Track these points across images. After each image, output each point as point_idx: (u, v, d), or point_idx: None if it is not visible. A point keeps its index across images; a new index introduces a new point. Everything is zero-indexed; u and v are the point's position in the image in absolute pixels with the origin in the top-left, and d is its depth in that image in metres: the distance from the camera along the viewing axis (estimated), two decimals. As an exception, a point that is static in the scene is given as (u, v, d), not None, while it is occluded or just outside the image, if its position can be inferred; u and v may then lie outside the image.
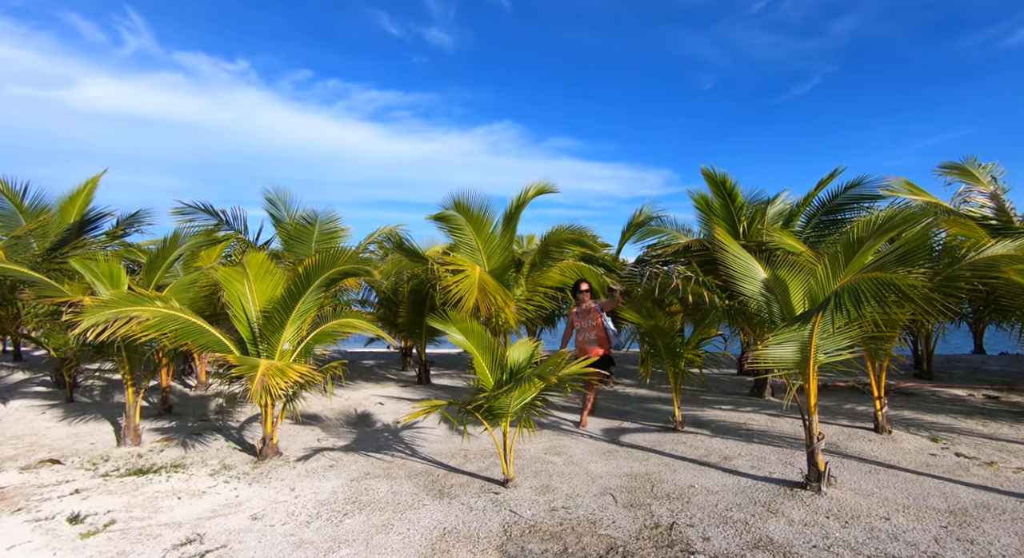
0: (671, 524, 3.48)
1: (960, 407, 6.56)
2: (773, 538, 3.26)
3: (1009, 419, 5.91)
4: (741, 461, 4.73)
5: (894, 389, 7.43)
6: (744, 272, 4.52)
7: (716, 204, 7.39)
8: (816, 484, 3.95)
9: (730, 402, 7.15)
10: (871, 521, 3.47)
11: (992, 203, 6.19)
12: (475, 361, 4.26)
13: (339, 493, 4.12)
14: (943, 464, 4.53)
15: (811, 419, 4.02)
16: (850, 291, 3.50)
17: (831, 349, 4.00)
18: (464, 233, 7.90)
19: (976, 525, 3.38)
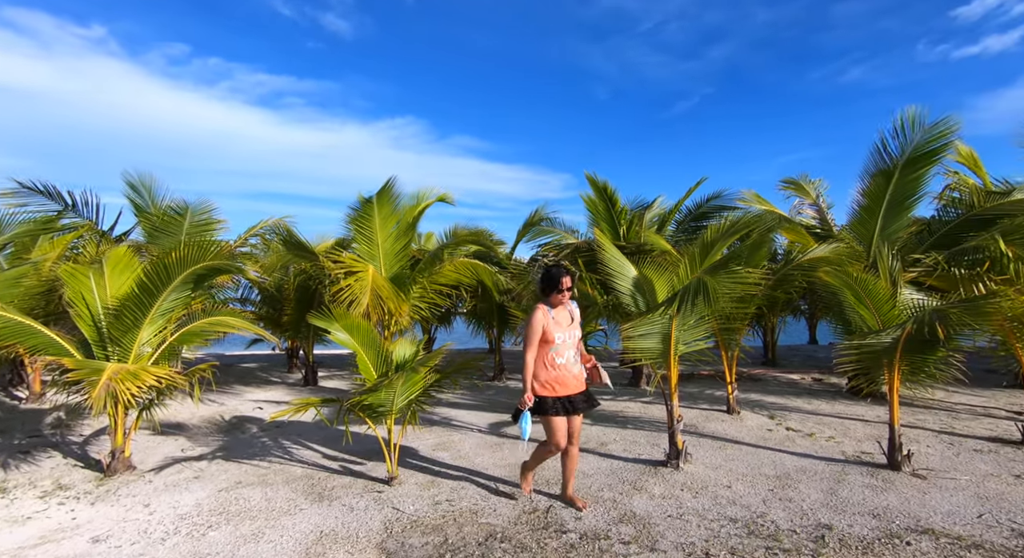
0: (548, 507, 3.70)
1: (794, 389, 7.69)
2: (636, 512, 3.59)
3: (827, 397, 7.04)
4: (615, 445, 5.13)
5: (745, 376, 8.50)
6: (619, 270, 4.91)
7: (600, 208, 7.91)
8: (675, 461, 4.42)
9: (610, 392, 7.70)
10: (716, 490, 3.96)
11: (819, 214, 7.36)
12: (358, 358, 4.17)
13: (204, 505, 3.80)
14: (776, 437, 5.29)
15: (672, 403, 4.48)
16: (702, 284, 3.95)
17: (690, 340, 4.48)
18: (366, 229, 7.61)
19: (794, 486, 4.01)
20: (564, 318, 3.50)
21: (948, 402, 6.51)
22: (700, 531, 3.31)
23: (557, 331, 3.40)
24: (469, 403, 7.31)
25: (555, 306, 3.50)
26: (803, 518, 3.48)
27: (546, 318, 3.40)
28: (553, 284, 3.43)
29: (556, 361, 3.41)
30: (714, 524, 3.40)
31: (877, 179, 6.31)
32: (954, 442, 5.02)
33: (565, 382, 3.43)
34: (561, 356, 3.42)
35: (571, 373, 3.46)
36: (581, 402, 3.50)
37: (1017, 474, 4.18)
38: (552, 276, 3.44)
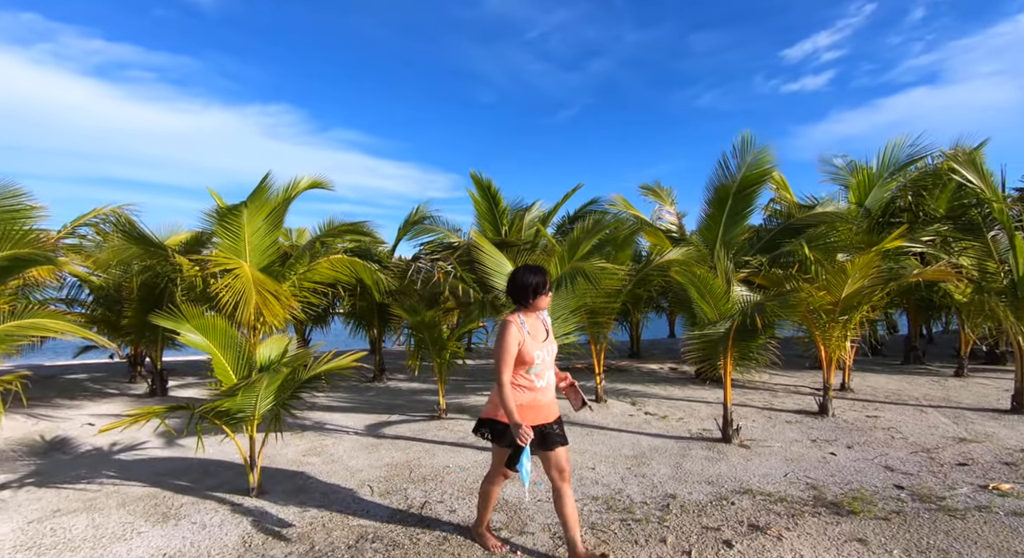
0: (423, 503, 3.70)
1: (653, 377, 8.54)
2: (508, 500, 3.74)
3: (680, 384, 7.94)
4: (493, 438, 5.28)
5: (613, 367, 9.25)
6: (496, 268, 5.06)
7: (483, 207, 8.07)
8: (546, 449, 4.68)
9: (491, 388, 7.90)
10: (582, 472, 4.28)
11: (676, 220, 8.29)
12: (215, 361, 3.80)
13: (6, 542, 3.20)
14: (636, 421, 5.84)
15: (544, 394, 4.73)
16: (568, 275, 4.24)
17: (561, 333, 4.78)
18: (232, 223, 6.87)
19: (648, 463, 4.48)
20: (539, 331, 2.79)
21: (769, 383, 7.71)
22: (565, 511, 3.55)
23: (535, 348, 2.68)
24: (346, 406, 7.01)
25: (529, 315, 2.78)
26: (653, 491, 3.90)
27: (521, 333, 2.64)
28: (529, 289, 2.69)
29: (536, 384, 2.72)
30: (578, 503, 3.67)
31: (720, 191, 7.25)
32: (772, 416, 5.96)
33: (540, 409, 2.74)
34: (541, 378, 2.75)
35: (548, 398, 2.79)
36: (556, 433, 2.77)
37: (814, 439, 5.09)
38: (527, 278, 2.71)
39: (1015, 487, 3.83)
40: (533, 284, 2.72)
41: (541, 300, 2.76)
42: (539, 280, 2.73)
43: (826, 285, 5.68)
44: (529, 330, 2.71)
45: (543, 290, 2.75)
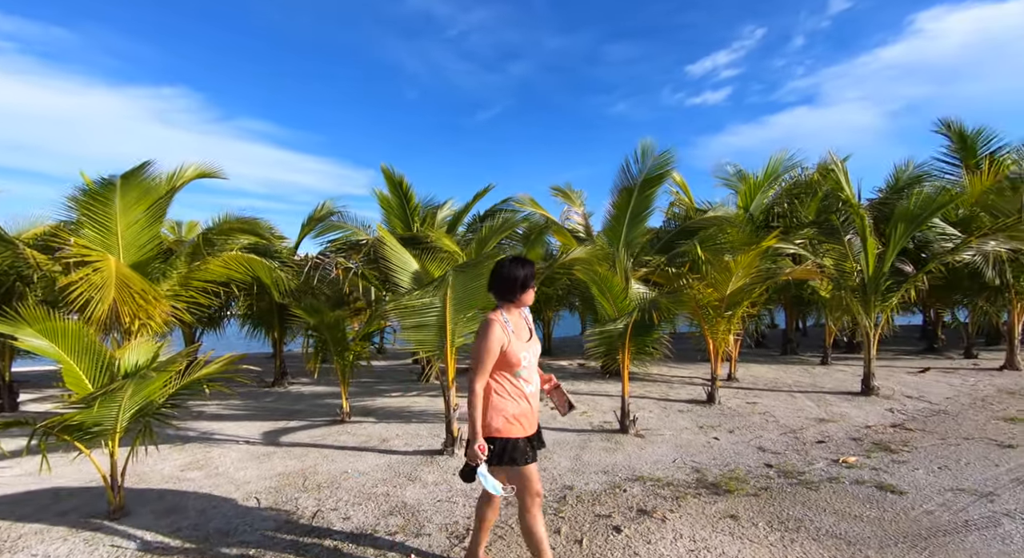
0: (315, 513, 3.51)
1: (563, 374, 8.80)
2: (407, 502, 3.66)
3: (586, 379, 8.25)
4: (398, 441, 5.15)
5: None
6: (401, 265, 4.94)
7: (394, 203, 7.85)
8: (451, 448, 4.64)
9: (401, 389, 7.71)
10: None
11: (583, 221, 8.61)
12: (65, 369, 3.34)
13: None
14: (542, 417, 5.93)
15: (449, 394, 4.69)
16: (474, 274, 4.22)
17: (467, 332, 4.75)
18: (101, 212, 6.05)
19: (551, 457, 4.58)
20: (523, 330, 2.50)
21: (667, 375, 8.24)
22: (466, 510, 3.53)
23: (521, 349, 2.38)
24: (240, 413, 6.51)
25: (512, 313, 2.47)
26: (553, 483, 3.99)
27: (506, 333, 2.34)
28: (517, 282, 2.39)
29: (526, 389, 2.42)
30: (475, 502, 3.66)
31: (623, 194, 7.61)
32: (667, 406, 6.36)
33: (532, 417, 2.47)
34: (530, 382, 2.46)
35: (536, 404, 2.52)
36: (537, 445, 2.51)
37: (701, 426, 5.50)
38: (515, 270, 2.40)
39: (859, 459, 4.37)
40: (522, 277, 2.39)
41: (528, 295, 2.45)
42: (527, 272, 2.40)
43: (714, 283, 6.15)
44: (513, 329, 2.40)
45: (532, 283, 2.44)
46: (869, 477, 3.97)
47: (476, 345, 2.33)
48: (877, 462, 4.30)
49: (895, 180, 9.80)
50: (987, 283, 8.00)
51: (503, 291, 2.42)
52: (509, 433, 2.33)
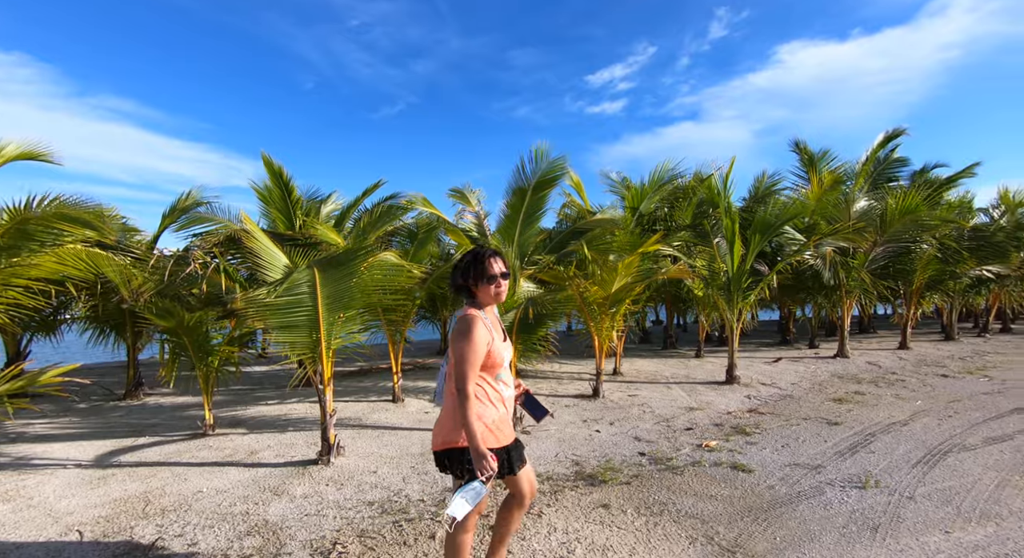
0: (153, 542, 3.07)
1: (458, 373, 8.70)
2: (269, 520, 3.33)
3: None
4: (268, 453, 4.72)
5: (419, 365, 9.18)
6: (271, 262, 4.53)
7: (275, 195, 7.24)
8: (327, 457, 4.34)
9: (278, 395, 7.13)
10: (363, 477, 4.06)
11: (477, 220, 8.60)
12: None
13: None
14: (430, 418, 5.83)
15: (325, 399, 4.38)
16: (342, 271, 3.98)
17: (344, 332, 4.47)
18: None
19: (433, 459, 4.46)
20: (498, 329, 2.28)
21: (558, 372, 8.49)
22: (335, 522, 3.30)
23: (502, 348, 2.19)
24: (74, 432, 5.59)
25: (485, 307, 2.24)
26: (434, 486, 3.87)
27: (488, 330, 2.14)
28: (497, 276, 2.17)
29: (505, 394, 2.23)
30: (351, 512, 3.44)
31: (517, 195, 7.68)
32: (555, 401, 6.53)
33: (510, 423, 2.26)
34: (509, 386, 2.27)
35: (511, 409, 2.30)
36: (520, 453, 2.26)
37: (584, 419, 5.70)
38: (492, 264, 2.19)
39: (719, 443, 4.78)
40: (500, 271, 2.17)
41: (484, 294, 2.19)
42: (476, 273, 2.17)
43: (599, 281, 6.42)
44: (491, 325, 2.18)
45: (480, 282, 2.17)
46: (726, 459, 4.34)
47: (460, 346, 2.05)
48: (734, 445, 4.73)
49: (755, 190, 10.99)
50: (825, 283, 9.23)
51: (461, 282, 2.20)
52: (488, 443, 2.07)
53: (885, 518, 3.21)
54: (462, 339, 2.05)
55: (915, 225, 9.44)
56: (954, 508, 3.34)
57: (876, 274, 9.87)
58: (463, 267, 2.19)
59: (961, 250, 10.54)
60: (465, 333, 2.05)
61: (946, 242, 10.26)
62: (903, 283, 10.68)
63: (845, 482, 3.80)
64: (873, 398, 6.50)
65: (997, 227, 12.07)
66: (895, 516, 3.24)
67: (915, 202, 9.16)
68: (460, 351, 2.04)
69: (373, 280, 4.34)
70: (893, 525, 3.12)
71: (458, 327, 2.09)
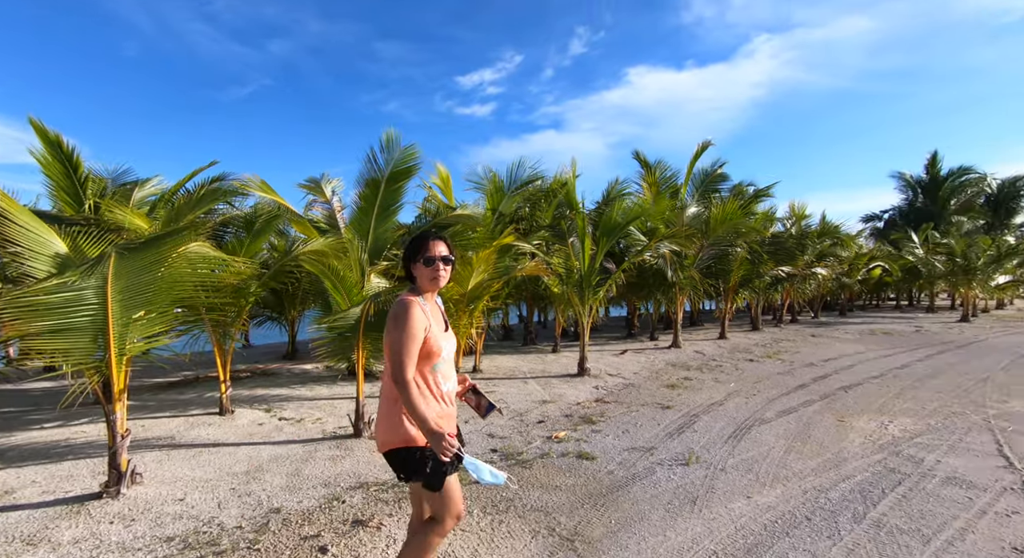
0: None
1: (304, 378, 7.95)
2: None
3: (329, 382, 7.61)
4: (32, 489, 3.73)
5: (259, 371, 8.20)
6: (37, 248, 3.58)
7: (55, 169, 5.85)
8: (115, 488, 3.55)
9: (61, 417, 5.79)
10: (163, 507, 3.38)
11: (330, 212, 7.94)
12: None
13: None
14: (265, 430, 5.17)
15: (115, 416, 3.58)
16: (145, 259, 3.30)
17: (144, 335, 3.71)
18: None
19: (262, 477, 3.91)
20: (439, 318, 2.14)
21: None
22: (115, 569, 2.66)
23: (441, 338, 2.05)
24: None
25: (425, 294, 2.08)
26: (256, 509, 3.37)
27: (426, 316, 1.99)
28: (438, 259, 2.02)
29: (443, 387, 2.06)
30: (140, 553, 2.82)
31: (370, 186, 7.23)
32: (410, 403, 6.24)
33: (451, 420, 2.11)
34: (448, 379, 2.10)
35: (453, 407, 2.13)
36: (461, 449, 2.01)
37: (439, 418, 5.52)
38: (436, 246, 2.04)
39: (568, 433, 4.93)
40: (440, 254, 2.03)
41: (425, 279, 2.04)
42: (445, 249, 2.06)
43: (456, 277, 6.28)
44: (430, 313, 2.04)
45: (450, 262, 2.08)
46: (572, 449, 4.47)
47: (395, 331, 1.90)
48: (581, 434, 4.91)
49: (607, 195, 11.84)
50: (667, 281, 10.26)
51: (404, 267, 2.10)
52: (423, 441, 1.92)
53: (702, 491, 3.53)
54: (396, 325, 1.91)
55: (732, 231, 10.94)
56: (754, 475, 3.80)
57: (703, 273, 11.25)
58: (406, 250, 2.09)
59: (763, 253, 12.51)
60: (399, 318, 1.92)
61: (753, 247, 12.08)
62: (723, 281, 12.33)
63: (673, 461, 4.13)
64: (698, 383, 7.32)
65: (788, 235, 14.60)
66: (710, 488, 3.58)
67: (732, 210, 10.63)
68: (394, 338, 1.90)
69: (182, 273, 3.66)
70: (708, 496, 3.44)
71: (392, 312, 1.95)
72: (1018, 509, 3.14)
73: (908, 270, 21.13)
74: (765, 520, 3.09)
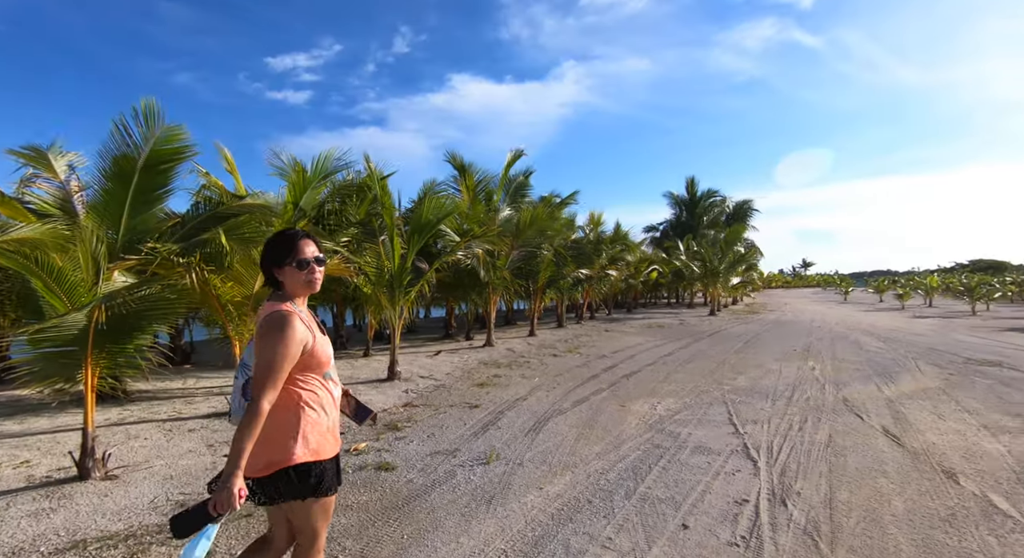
0: None
1: (14, 408, 6.02)
2: None
3: (51, 411, 5.88)
4: None
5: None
6: None
7: None
8: None
9: None
10: None
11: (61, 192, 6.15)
12: None
13: None
14: None
15: None
16: None
17: None
18: None
19: (-99, 559, 2.72)
20: (313, 321, 1.86)
21: (189, 388, 6.89)
22: None
23: (325, 344, 1.83)
24: None
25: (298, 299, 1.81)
26: None
27: (307, 327, 1.75)
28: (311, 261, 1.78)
29: (335, 394, 1.89)
30: None
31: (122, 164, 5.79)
32: (175, 427, 5.15)
33: (336, 433, 1.87)
34: (338, 384, 1.93)
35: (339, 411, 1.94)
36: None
37: (211, 444, 4.64)
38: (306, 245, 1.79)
39: (369, 444, 4.57)
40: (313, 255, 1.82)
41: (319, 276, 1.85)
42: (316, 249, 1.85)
43: (239, 277, 5.40)
44: (306, 321, 1.80)
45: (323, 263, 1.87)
46: (372, 460, 4.13)
47: (269, 348, 1.66)
48: (383, 443, 4.59)
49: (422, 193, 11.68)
50: (480, 281, 10.48)
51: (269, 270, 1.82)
52: (325, 453, 1.80)
53: (499, 488, 3.54)
54: (273, 340, 1.67)
55: (540, 234, 11.74)
56: (548, 466, 3.97)
57: (514, 274, 11.84)
58: (267, 252, 1.82)
59: (567, 256, 13.74)
60: (277, 332, 1.67)
61: (559, 250, 13.18)
62: (532, 282, 13.18)
63: (474, 461, 4.10)
64: (507, 379, 7.59)
65: (588, 240, 16.35)
66: (507, 484, 3.61)
67: (540, 214, 11.40)
68: (268, 355, 1.65)
69: None
70: (504, 493, 3.46)
71: (267, 325, 1.69)
72: (739, 468, 3.83)
73: (676, 273, 25.54)
74: (553, 509, 3.21)
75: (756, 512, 3.09)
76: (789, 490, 3.39)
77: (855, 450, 4.17)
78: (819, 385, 6.76)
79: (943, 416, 5.14)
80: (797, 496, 3.30)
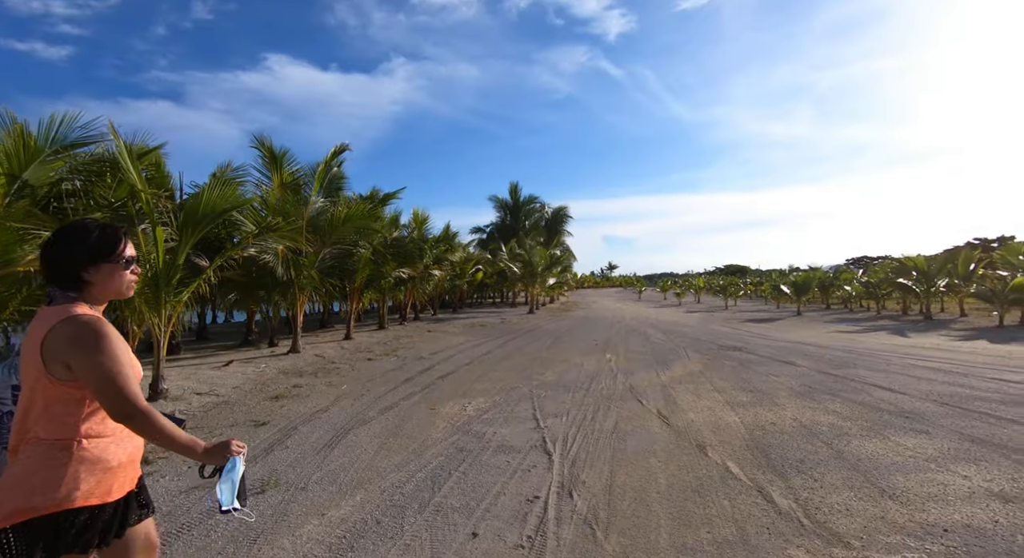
0: None
1: None
2: None
3: None
4: None
5: None
6: None
7: None
8: None
9: None
10: None
11: None
12: None
13: None
14: None
15: None
16: None
17: None
18: None
19: None
20: None
21: None
22: None
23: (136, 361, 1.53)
24: None
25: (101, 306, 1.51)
26: None
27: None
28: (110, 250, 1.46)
29: None
30: None
31: None
32: None
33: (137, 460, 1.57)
34: None
35: None
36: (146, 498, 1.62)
37: None
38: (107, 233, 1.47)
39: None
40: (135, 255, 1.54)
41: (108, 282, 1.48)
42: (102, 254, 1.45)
43: None
44: None
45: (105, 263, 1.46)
46: (97, 509, 3.18)
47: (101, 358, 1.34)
48: (121, 484, 3.60)
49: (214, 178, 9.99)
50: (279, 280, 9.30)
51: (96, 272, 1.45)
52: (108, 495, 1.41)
53: (271, 522, 2.99)
54: (98, 347, 1.36)
55: (357, 231, 10.96)
56: (337, 486, 3.53)
57: (326, 273, 10.85)
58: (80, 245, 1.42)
59: (387, 255, 13.15)
60: (99, 339, 1.37)
61: (377, 248, 12.51)
62: (348, 282, 12.27)
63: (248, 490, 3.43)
64: (308, 389, 6.80)
65: (410, 239, 15.93)
66: (282, 515, 3.08)
67: (359, 211, 10.63)
68: (105, 365, 1.35)
69: None
70: (275, 527, 2.93)
71: (81, 335, 1.36)
72: (536, 463, 3.90)
73: (499, 273, 26.64)
74: (333, 538, 2.80)
75: (545, 508, 3.11)
76: (576, 480, 3.53)
77: (634, 434, 4.59)
78: (612, 375, 7.48)
79: (700, 395, 6.05)
80: (583, 486, 3.44)
